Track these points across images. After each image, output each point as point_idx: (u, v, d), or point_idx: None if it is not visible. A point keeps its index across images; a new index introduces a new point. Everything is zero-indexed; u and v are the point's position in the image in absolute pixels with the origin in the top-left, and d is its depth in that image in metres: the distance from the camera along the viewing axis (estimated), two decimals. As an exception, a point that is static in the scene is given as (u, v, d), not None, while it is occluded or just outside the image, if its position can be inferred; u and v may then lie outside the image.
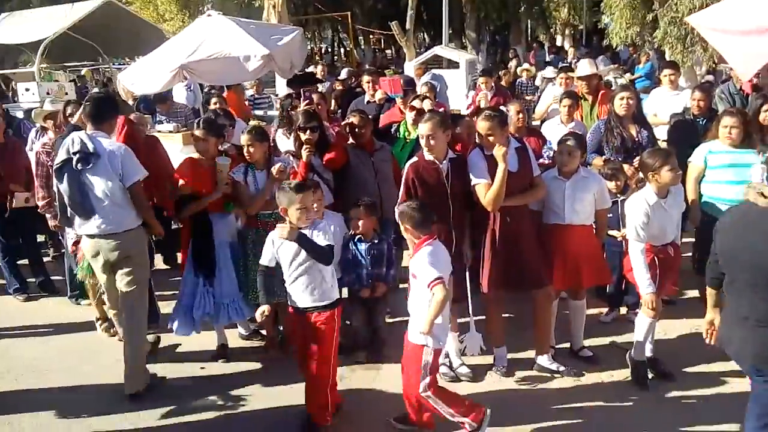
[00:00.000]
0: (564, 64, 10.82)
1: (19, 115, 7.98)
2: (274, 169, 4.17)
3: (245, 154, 4.32)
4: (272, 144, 5.10)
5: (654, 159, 3.78)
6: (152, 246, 4.56)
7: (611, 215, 4.44)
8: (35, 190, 5.40)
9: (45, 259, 6.44)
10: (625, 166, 4.84)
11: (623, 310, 4.87)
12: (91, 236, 3.99)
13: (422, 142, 3.87)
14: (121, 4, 13.56)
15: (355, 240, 4.27)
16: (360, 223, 4.22)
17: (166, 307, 4.87)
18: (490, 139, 3.79)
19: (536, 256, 3.97)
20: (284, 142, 5.50)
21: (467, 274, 3.99)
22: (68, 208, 3.95)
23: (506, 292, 4.06)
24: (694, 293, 4.90)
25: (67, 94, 8.60)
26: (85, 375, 4.45)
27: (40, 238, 6.61)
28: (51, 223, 5.32)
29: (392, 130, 5.58)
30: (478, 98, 7.45)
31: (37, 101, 8.31)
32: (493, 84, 8.52)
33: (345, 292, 4.44)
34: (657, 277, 3.80)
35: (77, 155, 3.80)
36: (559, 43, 26.13)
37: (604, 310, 4.90)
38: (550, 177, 4.08)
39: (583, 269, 4.04)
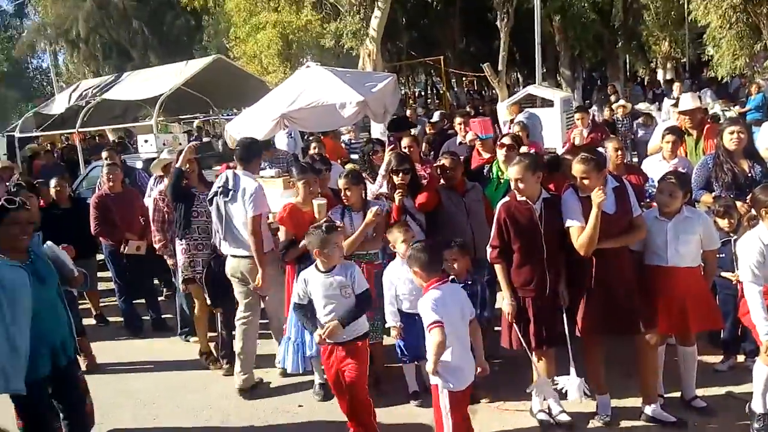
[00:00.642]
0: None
1: (138, 165, 8.69)
2: (371, 212, 4.28)
3: (342, 197, 4.48)
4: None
5: (767, 195, 3.54)
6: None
7: (723, 255, 4.17)
8: (152, 234, 5.82)
9: (159, 299, 6.90)
10: (738, 203, 4.55)
11: (740, 357, 4.51)
12: (233, 256, 4.75)
13: (513, 185, 3.85)
14: (229, 60, 14.57)
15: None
16: (455, 264, 4.21)
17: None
18: (585, 182, 3.70)
19: (635, 299, 3.78)
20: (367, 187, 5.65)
21: (564, 315, 3.87)
22: (216, 233, 4.84)
23: (603, 336, 3.89)
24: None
25: (180, 144, 9.26)
26: (190, 406, 4.68)
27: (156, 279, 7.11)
28: (169, 262, 5.70)
29: (485, 170, 5.58)
30: (573, 135, 7.30)
31: (154, 152, 9.02)
32: (589, 121, 8.34)
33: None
34: (777, 324, 3.51)
35: (221, 189, 4.70)
36: (660, 77, 25.17)
37: (720, 357, 4.56)
38: (651, 217, 3.90)
39: (690, 313, 3.78)
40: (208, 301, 5.19)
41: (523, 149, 5.33)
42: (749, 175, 4.74)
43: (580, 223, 3.68)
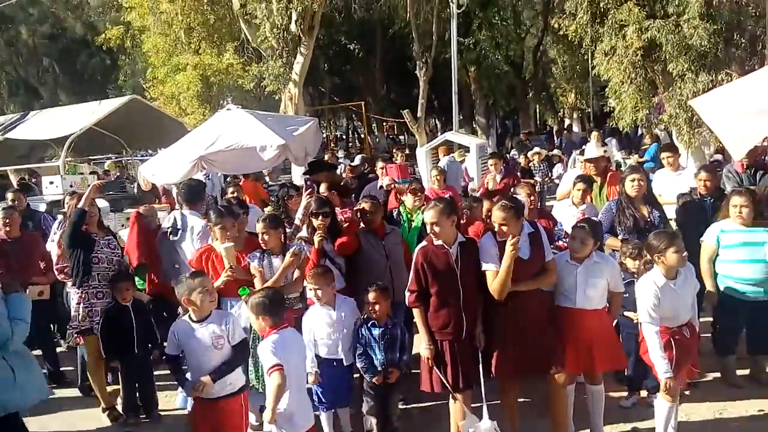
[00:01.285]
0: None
1: (42, 208, 8.22)
2: (289, 253, 4.24)
3: (260, 241, 4.41)
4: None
5: (659, 241, 3.79)
6: None
7: (627, 295, 4.39)
8: (58, 277, 5.48)
9: (58, 349, 6.43)
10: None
11: (644, 393, 4.72)
12: None
13: (428, 228, 3.92)
14: (145, 101, 14.23)
15: (369, 325, 4.24)
16: (377, 307, 4.21)
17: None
18: (504, 229, 3.80)
19: (547, 339, 3.91)
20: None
21: (479, 357, 3.93)
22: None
23: (518, 375, 3.98)
24: (715, 375, 4.75)
25: (88, 185, 8.87)
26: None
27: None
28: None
29: (394, 214, 5.68)
30: (486, 180, 7.57)
31: (60, 194, 8.59)
32: (502, 167, 8.68)
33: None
34: (675, 360, 3.72)
35: (170, 229, 4.96)
36: (566, 125, 26.72)
37: (625, 393, 4.75)
38: (562, 261, 4.07)
39: (596, 353, 3.94)
40: (103, 354, 4.92)
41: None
42: (649, 219, 5.07)
43: (496, 267, 3.78)
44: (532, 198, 5.22)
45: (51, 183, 9.41)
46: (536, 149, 13.99)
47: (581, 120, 27.83)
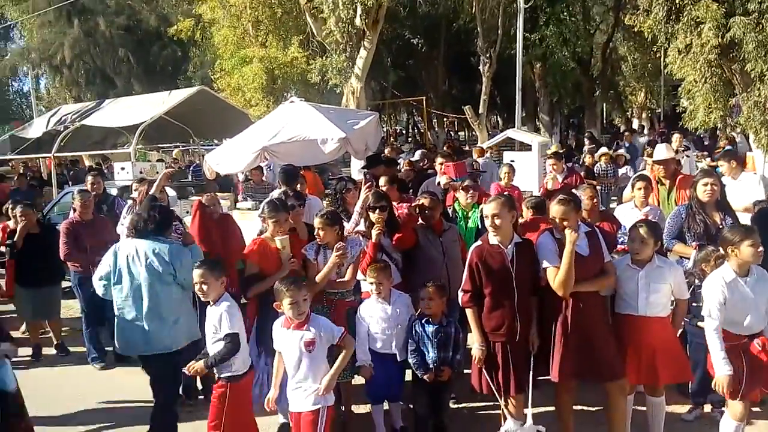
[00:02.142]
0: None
1: (113, 192, 8.58)
2: (335, 251, 4.23)
3: (316, 235, 4.44)
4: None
5: (734, 234, 3.61)
6: None
7: (698, 304, 4.19)
8: None
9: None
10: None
11: (707, 407, 4.50)
12: None
13: (487, 222, 3.85)
14: (213, 92, 14.62)
15: (423, 321, 4.22)
16: (431, 303, 4.19)
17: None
18: (564, 223, 3.73)
19: (610, 345, 3.78)
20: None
21: (531, 361, 3.84)
22: None
23: (577, 381, 3.87)
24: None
25: (158, 173, 9.19)
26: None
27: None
28: None
29: (450, 212, 5.63)
30: (546, 180, 7.39)
31: (130, 179, 8.94)
32: (563, 166, 8.46)
33: (408, 374, 4.38)
34: (744, 375, 3.52)
35: None
36: (636, 126, 25.82)
37: (687, 407, 4.55)
38: (622, 265, 3.93)
39: (660, 364, 3.77)
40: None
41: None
42: (721, 226, 4.81)
43: (557, 264, 3.69)
44: (594, 201, 5.06)
45: (122, 169, 9.81)
46: (603, 149, 13.57)
47: (651, 120, 26.85)
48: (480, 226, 5.19)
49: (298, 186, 6.56)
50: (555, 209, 3.77)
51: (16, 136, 14.43)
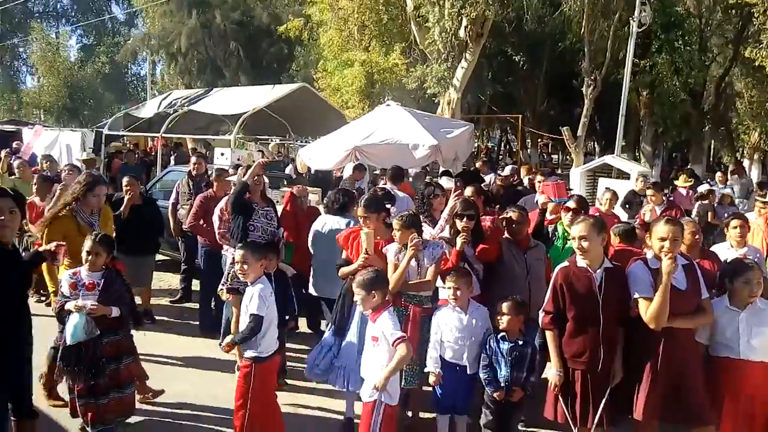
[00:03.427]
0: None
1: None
2: (411, 243, 4.18)
3: (393, 235, 4.42)
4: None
5: None
6: None
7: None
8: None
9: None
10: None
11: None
12: None
13: (575, 244, 3.69)
14: (313, 90, 15.02)
15: (498, 337, 4.10)
16: (505, 319, 4.06)
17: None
18: (672, 245, 3.48)
19: (701, 388, 3.52)
20: (424, 229, 5.58)
21: (606, 395, 3.63)
22: None
23: (662, 423, 3.63)
24: None
25: (254, 161, 9.52)
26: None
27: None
28: None
29: (549, 232, 5.44)
30: (643, 211, 7.03)
31: (228, 165, 9.31)
32: (663, 198, 8.03)
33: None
34: None
35: None
36: (746, 166, 24.20)
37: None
38: (721, 306, 3.65)
39: (759, 412, 3.48)
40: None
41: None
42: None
43: (650, 295, 3.48)
44: (696, 236, 4.75)
45: (222, 154, 10.24)
46: (706, 186, 12.80)
47: (762, 162, 25.07)
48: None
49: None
50: (663, 229, 3.55)
51: (130, 115, 15.41)
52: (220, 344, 6.04)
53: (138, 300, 6.97)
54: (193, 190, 7.41)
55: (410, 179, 8.13)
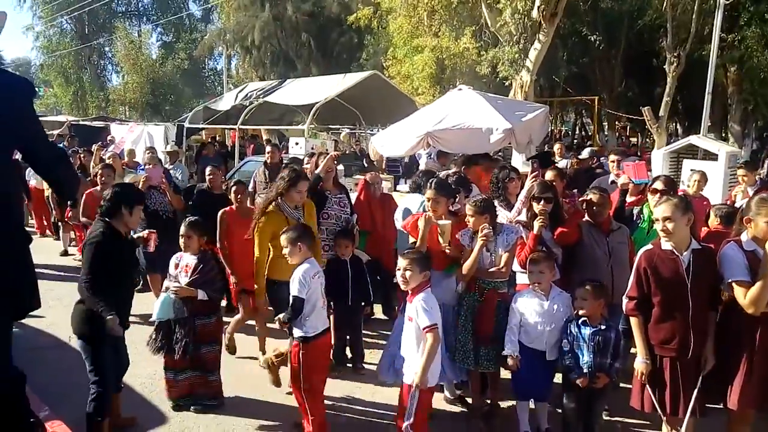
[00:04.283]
0: None
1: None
2: (481, 232, 4.14)
3: (466, 221, 4.37)
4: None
5: None
6: None
7: None
8: None
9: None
10: None
11: None
12: None
13: (658, 226, 3.51)
14: (384, 77, 15.05)
15: (579, 323, 3.99)
16: (586, 304, 3.95)
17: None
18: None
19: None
20: (500, 213, 5.49)
21: (699, 383, 3.46)
22: None
23: (759, 412, 3.44)
24: None
25: (327, 150, 9.69)
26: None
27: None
28: None
29: (633, 215, 5.23)
30: (734, 192, 6.62)
31: (302, 154, 9.51)
32: (756, 179, 7.54)
33: (559, 376, 4.19)
34: None
35: None
36: None
37: None
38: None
39: None
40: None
41: None
42: None
43: (746, 278, 3.29)
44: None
45: (296, 144, 10.48)
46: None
47: None
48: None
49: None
50: (761, 209, 3.35)
51: (208, 108, 15.99)
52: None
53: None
54: (269, 178, 7.62)
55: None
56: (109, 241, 3.71)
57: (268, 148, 8.26)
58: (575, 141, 29.40)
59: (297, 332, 3.92)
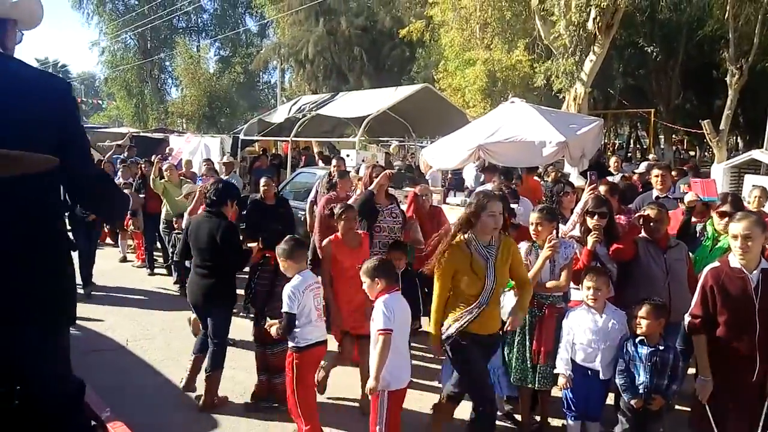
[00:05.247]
0: None
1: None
2: (547, 243, 4.09)
3: (533, 232, 4.33)
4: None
5: None
6: None
7: None
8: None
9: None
10: None
11: None
12: None
13: (735, 243, 3.39)
14: (435, 90, 15.08)
15: (636, 341, 3.89)
16: (644, 323, 3.84)
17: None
18: None
19: None
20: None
21: (766, 409, 3.31)
22: None
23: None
24: None
25: (377, 162, 9.75)
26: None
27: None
28: None
29: (697, 231, 5.07)
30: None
31: (353, 166, 9.61)
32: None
33: (612, 396, 4.08)
34: None
35: None
36: None
37: None
38: None
39: None
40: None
41: None
42: None
43: None
44: None
45: (347, 156, 10.59)
46: None
47: None
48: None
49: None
50: None
51: (263, 120, 16.36)
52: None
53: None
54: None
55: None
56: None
57: (333, 161, 8.52)
58: (629, 154, 28.66)
59: (290, 343, 4.03)
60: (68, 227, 7.69)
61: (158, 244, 9.52)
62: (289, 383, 4.07)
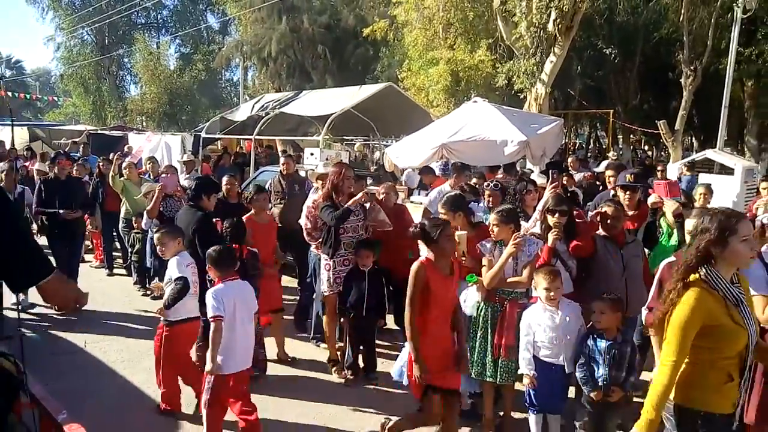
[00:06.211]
0: None
1: (301, 173, 9.23)
2: (512, 240, 4.17)
3: (490, 231, 4.40)
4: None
5: None
6: None
7: None
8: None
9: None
10: None
11: None
12: None
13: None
14: (399, 89, 15.11)
15: (595, 336, 3.98)
16: (602, 317, 3.93)
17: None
18: None
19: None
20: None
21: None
22: None
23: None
24: None
25: (341, 161, 9.71)
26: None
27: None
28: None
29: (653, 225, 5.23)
30: (756, 205, 6.56)
31: (317, 164, 9.55)
32: (776, 193, 7.48)
33: (572, 389, 4.17)
34: None
35: None
36: None
37: None
38: None
39: None
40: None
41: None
42: None
43: (767, 293, 3.27)
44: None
45: (311, 154, 10.54)
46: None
47: None
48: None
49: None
50: None
51: (225, 118, 16.13)
52: (313, 339, 6.25)
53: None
54: (286, 188, 7.67)
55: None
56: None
57: (282, 159, 8.31)
58: (589, 154, 29.26)
59: (163, 318, 4.50)
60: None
61: (117, 244, 9.31)
62: (156, 355, 4.60)
